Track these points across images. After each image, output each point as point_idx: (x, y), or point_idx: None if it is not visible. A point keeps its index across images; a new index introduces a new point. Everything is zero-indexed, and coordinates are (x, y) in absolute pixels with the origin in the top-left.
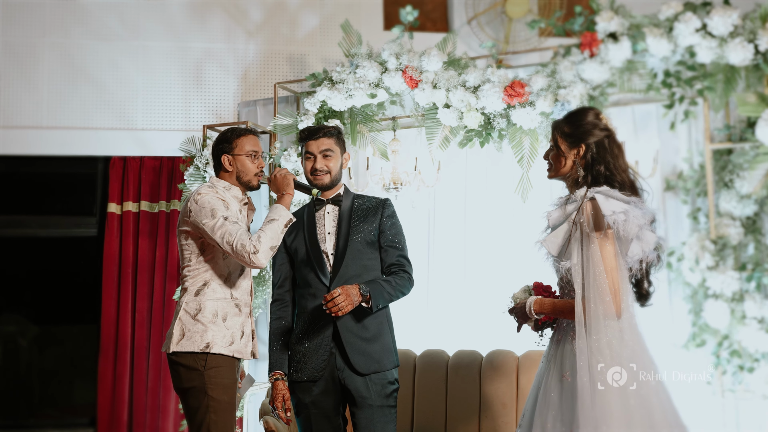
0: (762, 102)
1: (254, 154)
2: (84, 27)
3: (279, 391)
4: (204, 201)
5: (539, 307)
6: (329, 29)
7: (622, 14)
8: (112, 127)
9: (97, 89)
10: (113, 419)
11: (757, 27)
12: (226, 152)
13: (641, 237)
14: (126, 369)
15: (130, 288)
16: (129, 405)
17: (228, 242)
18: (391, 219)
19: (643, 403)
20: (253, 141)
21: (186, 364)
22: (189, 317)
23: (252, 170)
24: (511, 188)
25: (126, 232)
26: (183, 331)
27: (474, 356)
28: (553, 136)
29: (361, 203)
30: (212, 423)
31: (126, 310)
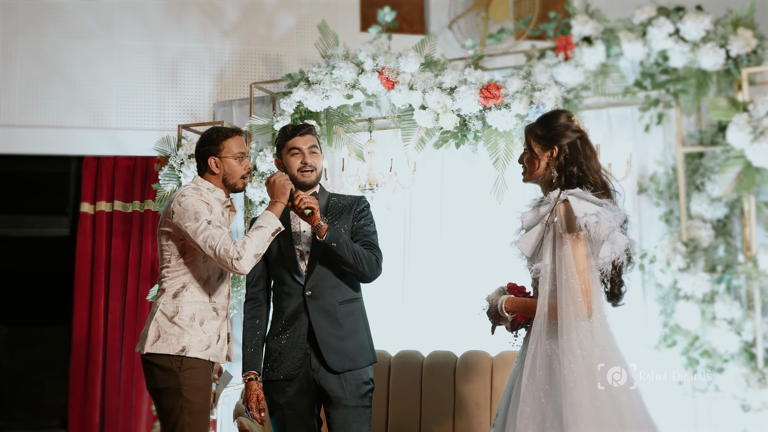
0: (733, 106)
1: (241, 156)
2: (58, 25)
3: (253, 391)
4: (188, 203)
5: (511, 305)
6: (306, 30)
7: (597, 18)
8: (86, 126)
9: (71, 88)
10: (85, 421)
11: (729, 32)
12: (213, 154)
13: (612, 239)
14: (98, 370)
15: (102, 288)
16: (101, 406)
17: (211, 246)
18: (364, 213)
19: (612, 402)
20: (239, 142)
21: (161, 364)
22: (165, 319)
23: (239, 172)
24: (486, 190)
25: (99, 232)
26: (159, 333)
27: (448, 357)
28: (527, 140)
29: (337, 201)
30: (186, 424)
31: (98, 311)
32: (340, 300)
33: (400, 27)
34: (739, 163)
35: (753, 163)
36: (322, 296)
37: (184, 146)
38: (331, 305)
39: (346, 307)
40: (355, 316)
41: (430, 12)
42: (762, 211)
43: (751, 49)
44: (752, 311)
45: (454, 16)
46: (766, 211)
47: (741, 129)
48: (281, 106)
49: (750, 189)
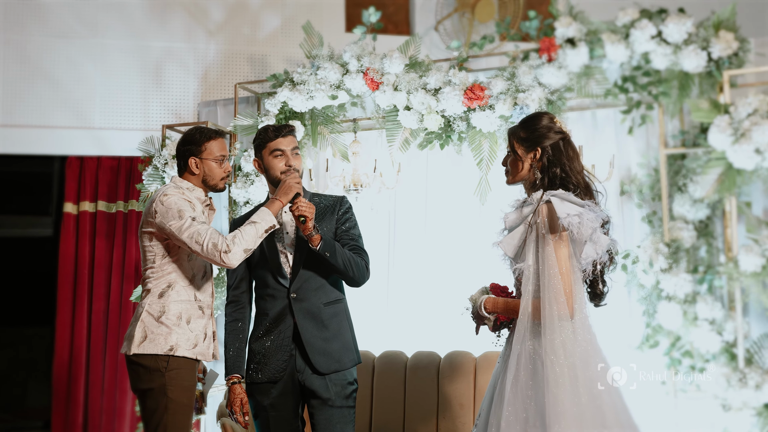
0: (714, 108)
1: (222, 159)
2: (41, 24)
3: (237, 395)
4: (170, 202)
5: (492, 306)
6: (291, 30)
7: (581, 20)
8: (70, 126)
9: (54, 87)
10: (68, 422)
11: (710, 35)
12: (194, 155)
13: (594, 239)
14: (81, 371)
15: (86, 289)
16: (84, 407)
17: (198, 242)
18: (347, 215)
19: (595, 403)
20: (221, 144)
21: (146, 365)
22: (152, 319)
23: (219, 175)
24: (470, 190)
25: (82, 232)
26: (146, 333)
27: (432, 357)
28: (510, 142)
29: (318, 202)
30: (169, 424)
31: (82, 312)
32: (325, 301)
33: (386, 28)
34: (720, 165)
35: (734, 164)
36: (307, 298)
37: (168, 146)
38: (316, 307)
39: (330, 308)
40: (339, 317)
41: (416, 13)
42: (743, 212)
43: (732, 52)
44: (733, 311)
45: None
46: (747, 212)
47: (722, 131)
48: (266, 107)
49: (731, 190)
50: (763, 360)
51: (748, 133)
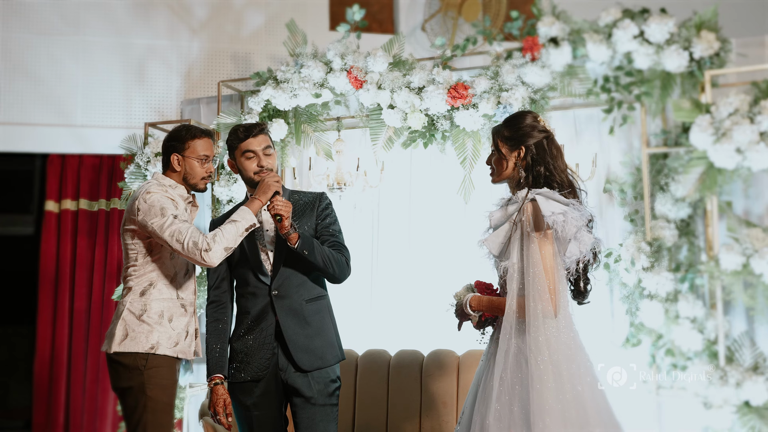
0: (696, 108)
1: (205, 159)
2: (22, 20)
3: (219, 396)
4: (153, 200)
5: (476, 304)
6: (275, 28)
7: (564, 20)
8: (51, 123)
9: (36, 84)
10: (49, 422)
11: (692, 35)
12: (177, 152)
13: (579, 237)
14: (63, 370)
15: (67, 288)
16: (66, 407)
17: (178, 240)
18: (327, 211)
19: (578, 401)
20: (206, 144)
21: (126, 363)
22: (133, 317)
23: (200, 174)
24: (454, 189)
25: (64, 230)
26: (126, 332)
27: (416, 356)
28: (494, 141)
29: (298, 199)
30: (149, 423)
31: (63, 311)
32: (307, 298)
33: (370, 26)
34: (701, 164)
35: (715, 163)
36: (289, 295)
37: (151, 144)
38: (298, 304)
39: (313, 305)
40: (322, 313)
41: (400, 11)
42: (724, 211)
43: (714, 52)
44: (714, 310)
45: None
46: (728, 211)
47: (704, 130)
48: (249, 105)
49: (712, 189)
50: (744, 358)
51: (729, 132)
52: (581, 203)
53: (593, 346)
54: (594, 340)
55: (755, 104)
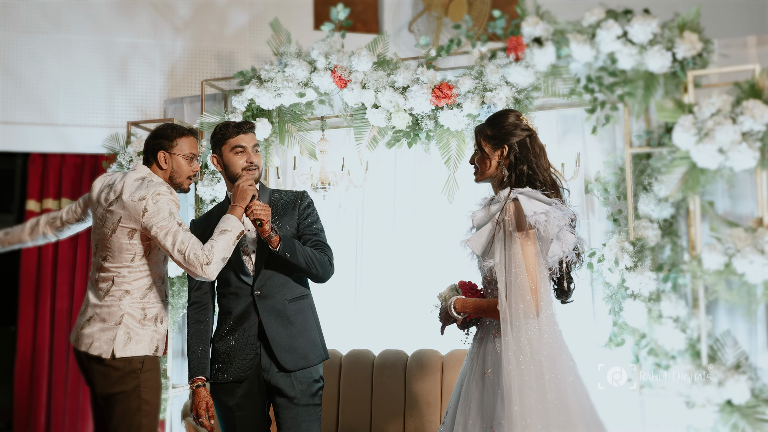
0: (679, 108)
1: (192, 157)
2: (3, 18)
3: (202, 398)
4: (162, 203)
5: (461, 306)
6: (259, 27)
7: (547, 20)
8: (32, 122)
9: (17, 83)
10: (30, 423)
11: (675, 36)
12: (164, 149)
13: (561, 237)
14: (44, 371)
15: (49, 288)
16: (47, 408)
17: (180, 251)
18: (309, 210)
19: (561, 401)
20: (192, 143)
21: (120, 367)
22: (135, 321)
23: (186, 172)
24: (438, 189)
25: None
26: (129, 335)
27: (399, 356)
28: (477, 140)
29: (279, 198)
30: (144, 426)
31: (45, 311)
32: (290, 298)
33: (354, 26)
34: (684, 164)
35: (698, 163)
36: (272, 295)
37: (134, 143)
38: (280, 304)
39: (296, 304)
40: (305, 312)
41: (384, 11)
42: (707, 211)
43: (696, 53)
44: (697, 309)
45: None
46: (710, 211)
47: (686, 130)
48: (233, 104)
49: (695, 189)
50: (726, 357)
51: (711, 132)
52: (564, 202)
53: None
54: (577, 340)
55: (737, 105)
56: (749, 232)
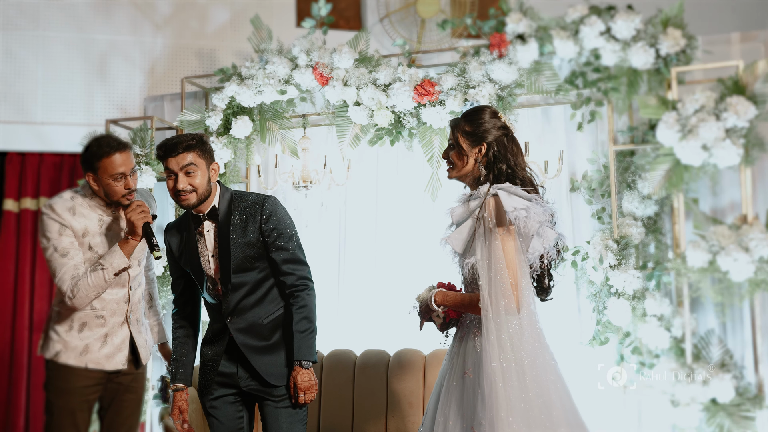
0: (662, 105)
1: (120, 176)
2: None
3: (176, 402)
4: (44, 221)
5: (442, 299)
6: (240, 24)
7: (531, 16)
8: (10, 120)
9: None
10: (9, 426)
11: (659, 32)
12: (91, 172)
13: (541, 233)
14: (23, 373)
15: (27, 289)
16: (26, 410)
17: (53, 274)
18: (271, 220)
19: (542, 398)
20: (118, 162)
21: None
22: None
23: (119, 192)
24: (421, 187)
25: (24, 229)
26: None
27: (381, 356)
28: (453, 135)
29: (240, 212)
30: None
31: (23, 312)
32: (264, 316)
33: (337, 23)
34: (668, 161)
35: (681, 160)
36: (244, 317)
37: None
38: (255, 325)
39: (272, 321)
40: (283, 328)
41: (367, 8)
42: (691, 209)
43: (680, 49)
44: (681, 307)
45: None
46: (694, 209)
47: (670, 127)
48: (213, 102)
49: (679, 186)
50: (711, 356)
51: (695, 129)
52: (542, 199)
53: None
54: (561, 339)
55: (721, 101)
56: (733, 230)
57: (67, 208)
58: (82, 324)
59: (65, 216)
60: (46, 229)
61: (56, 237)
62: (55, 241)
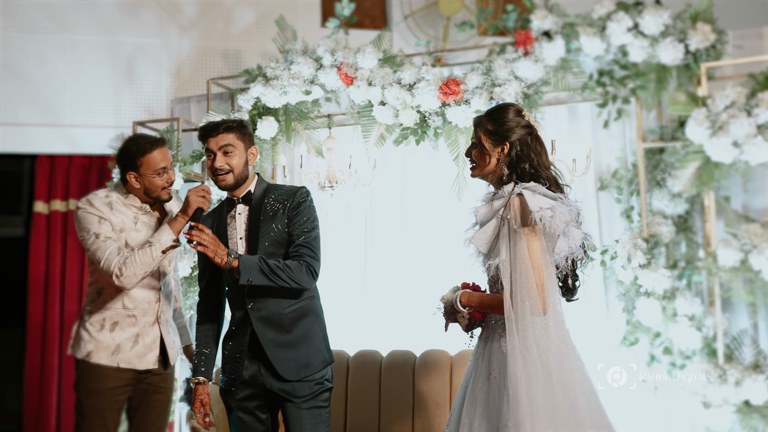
0: (692, 101)
1: (162, 171)
2: (9, 19)
3: (197, 396)
4: (79, 215)
5: (467, 299)
6: (265, 25)
7: (557, 13)
8: (39, 123)
9: (23, 84)
10: (40, 425)
11: (688, 27)
12: (132, 170)
13: (567, 233)
14: (54, 373)
15: (58, 289)
16: (57, 410)
17: (98, 259)
18: (299, 208)
19: (569, 400)
20: (158, 157)
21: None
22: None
23: (159, 185)
24: (447, 186)
25: (54, 231)
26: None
27: (407, 356)
28: (476, 134)
29: (274, 198)
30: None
31: (54, 313)
32: (286, 307)
33: (362, 23)
34: (698, 158)
35: (712, 157)
36: (266, 307)
37: None
38: (276, 315)
39: (293, 312)
40: (306, 318)
41: (392, 7)
42: (722, 207)
43: (710, 44)
44: (713, 307)
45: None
46: (725, 207)
47: (699, 124)
48: (239, 103)
49: (709, 184)
50: (744, 356)
51: (725, 125)
52: (567, 198)
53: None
54: (591, 340)
55: (752, 96)
56: (766, 228)
57: (105, 203)
58: (114, 323)
59: (104, 209)
60: (85, 222)
61: (96, 226)
62: (95, 229)
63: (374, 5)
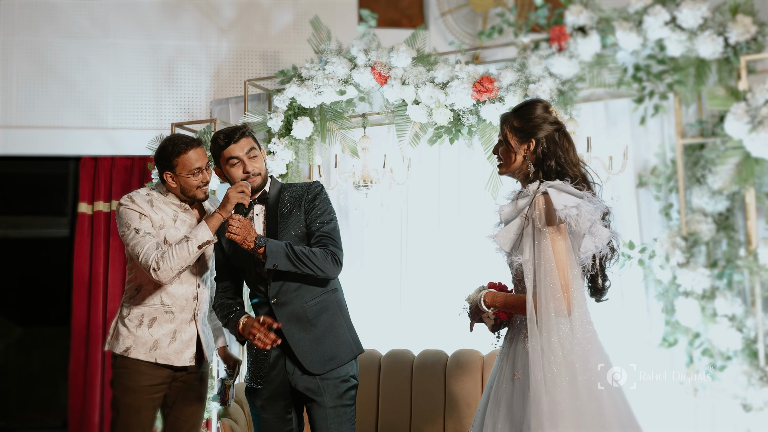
0: (731, 96)
1: (197, 171)
2: (53, 25)
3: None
4: (121, 211)
5: (491, 300)
6: (303, 26)
7: (591, 7)
8: (83, 126)
9: (67, 88)
10: (84, 421)
11: (727, 20)
12: (168, 170)
13: (594, 231)
14: (97, 371)
15: (101, 289)
16: (100, 407)
17: (136, 254)
18: (315, 202)
19: (594, 403)
20: (194, 157)
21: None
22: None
23: (194, 185)
24: (483, 185)
25: (97, 231)
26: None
27: (439, 356)
28: (503, 131)
29: (289, 195)
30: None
31: (97, 311)
32: (309, 299)
33: (399, 22)
34: (737, 154)
35: (752, 153)
36: (289, 301)
37: None
38: (299, 308)
39: (317, 304)
40: (329, 311)
41: (429, 6)
42: (762, 203)
43: (750, 36)
44: (754, 307)
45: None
46: (766, 203)
47: (739, 119)
48: (275, 103)
49: (749, 180)
50: None
51: (766, 120)
52: (596, 196)
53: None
54: (630, 340)
55: None
56: None
57: (146, 200)
58: (152, 319)
59: (144, 206)
60: (126, 217)
61: (137, 221)
62: (136, 225)
63: (411, 4)
